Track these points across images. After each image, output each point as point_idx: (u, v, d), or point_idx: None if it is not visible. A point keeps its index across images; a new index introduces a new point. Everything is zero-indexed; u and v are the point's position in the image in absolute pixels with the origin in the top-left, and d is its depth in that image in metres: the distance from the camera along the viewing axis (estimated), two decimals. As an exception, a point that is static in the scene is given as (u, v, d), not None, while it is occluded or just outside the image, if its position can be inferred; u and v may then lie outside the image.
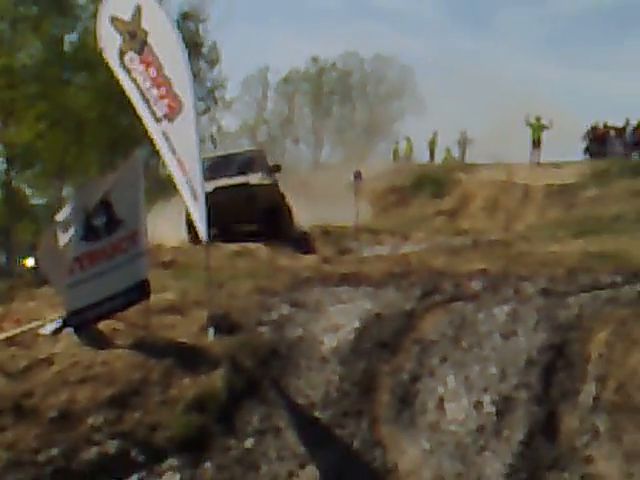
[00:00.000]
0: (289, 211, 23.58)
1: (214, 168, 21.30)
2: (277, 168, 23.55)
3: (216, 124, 45.50)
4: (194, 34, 40.38)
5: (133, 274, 10.62)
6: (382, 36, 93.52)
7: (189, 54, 11.28)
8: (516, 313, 11.51)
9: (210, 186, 17.54)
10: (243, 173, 22.33)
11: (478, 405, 9.59)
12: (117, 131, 33.83)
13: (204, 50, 41.87)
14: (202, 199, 10.61)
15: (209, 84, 42.49)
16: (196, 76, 36.68)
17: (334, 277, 13.59)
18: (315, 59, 70.50)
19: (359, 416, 9.52)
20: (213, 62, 42.61)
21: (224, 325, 10.83)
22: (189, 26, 40.19)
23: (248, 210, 21.39)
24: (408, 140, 47.07)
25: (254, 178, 22.10)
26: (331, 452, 9.04)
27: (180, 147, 10.90)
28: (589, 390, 9.70)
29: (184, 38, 11.42)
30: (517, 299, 12.24)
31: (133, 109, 11.73)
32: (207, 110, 42.39)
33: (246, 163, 23.14)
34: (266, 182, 22.35)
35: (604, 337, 10.62)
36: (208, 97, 42.33)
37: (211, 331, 10.68)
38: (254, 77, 70.12)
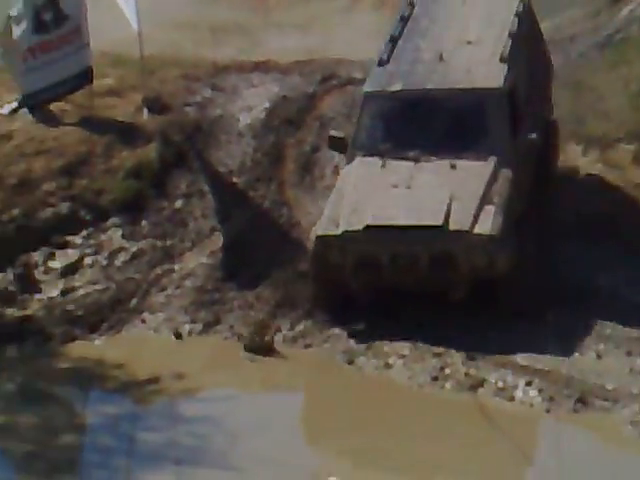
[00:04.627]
0: None
1: (400, 122, 8.80)
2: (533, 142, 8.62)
3: None
4: None
5: (79, 62, 10.38)
6: None
7: None
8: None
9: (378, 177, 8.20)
10: (462, 148, 8.30)
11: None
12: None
13: None
14: None
15: None
16: None
17: (248, 65, 13.12)
18: None
19: (269, 181, 9.47)
20: None
21: (156, 106, 10.54)
22: None
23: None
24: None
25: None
26: (246, 211, 9.05)
27: None
28: None
29: None
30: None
31: None
32: None
33: (470, 121, 8.62)
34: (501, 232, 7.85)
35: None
36: None
37: (145, 111, 10.44)
38: None
